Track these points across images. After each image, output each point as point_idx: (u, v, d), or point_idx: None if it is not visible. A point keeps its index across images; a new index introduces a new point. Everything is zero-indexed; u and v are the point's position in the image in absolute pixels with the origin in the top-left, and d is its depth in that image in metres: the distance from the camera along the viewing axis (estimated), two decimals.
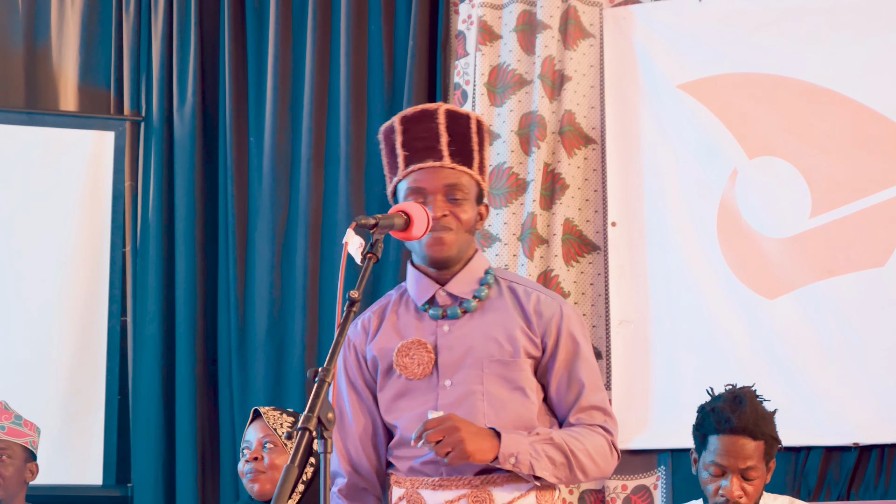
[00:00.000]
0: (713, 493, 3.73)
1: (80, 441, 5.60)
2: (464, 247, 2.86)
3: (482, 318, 2.85)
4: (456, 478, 2.80)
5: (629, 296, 5.10)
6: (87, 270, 5.66)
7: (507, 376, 2.81)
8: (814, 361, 4.79)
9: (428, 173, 2.82)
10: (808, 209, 4.88)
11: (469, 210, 2.84)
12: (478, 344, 2.83)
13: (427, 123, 2.85)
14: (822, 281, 4.83)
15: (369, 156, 5.58)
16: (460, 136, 2.85)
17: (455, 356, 2.83)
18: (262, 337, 5.56)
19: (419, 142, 2.84)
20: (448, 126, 2.85)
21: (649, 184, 5.15)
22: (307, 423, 2.31)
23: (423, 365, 2.83)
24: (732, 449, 3.68)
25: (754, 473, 3.69)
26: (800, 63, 4.95)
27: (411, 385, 2.85)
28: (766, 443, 3.70)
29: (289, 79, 5.66)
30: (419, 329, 2.87)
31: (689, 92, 5.09)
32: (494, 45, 5.31)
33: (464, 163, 2.84)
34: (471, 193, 2.84)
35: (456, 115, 2.87)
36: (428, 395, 2.83)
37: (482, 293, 2.86)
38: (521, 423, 2.80)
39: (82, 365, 5.62)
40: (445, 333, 2.85)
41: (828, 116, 4.88)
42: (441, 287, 2.86)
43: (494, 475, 2.78)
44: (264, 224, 5.61)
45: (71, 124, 5.71)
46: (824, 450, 4.75)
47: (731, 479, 3.68)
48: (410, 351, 2.85)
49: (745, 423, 3.67)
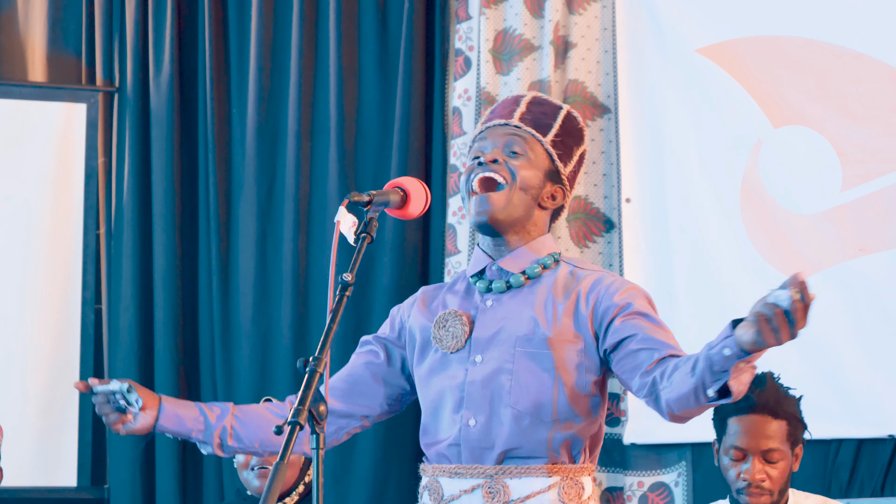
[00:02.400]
0: (735, 478, 3.72)
1: (52, 440, 5.61)
2: (520, 213, 2.84)
3: (528, 296, 2.85)
4: (472, 466, 2.81)
5: (645, 277, 5.10)
6: (58, 255, 5.67)
7: (539, 356, 2.80)
8: (845, 347, 4.77)
9: (493, 131, 2.88)
10: (838, 182, 4.86)
11: (527, 168, 2.84)
12: (514, 321, 2.83)
13: (513, 101, 2.93)
14: (853, 260, 4.81)
15: (360, 127, 5.59)
16: (540, 114, 2.89)
17: (490, 332, 2.84)
18: (248, 325, 5.58)
19: (500, 108, 2.92)
20: (531, 104, 2.91)
21: (666, 157, 5.16)
22: (298, 416, 2.33)
23: (457, 338, 2.84)
24: (753, 429, 3.69)
25: (777, 456, 3.69)
26: (829, 25, 4.93)
27: (445, 359, 2.86)
28: (790, 423, 3.71)
29: (272, 44, 5.67)
30: (463, 303, 2.90)
31: (709, 56, 5.09)
32: (499, 8, 5.32)
33: (534, 127, 2.87)
34: (536, 157, 2.86)
35: (543, 101, 2.94)
36: (458, 370, 2.84)
37: (534, 271, 2.86)
38: (550, 407, 2.78)
39: (53, 357, 5.63)
40: (486, 308, 2.86)
41: (860, 82, 4.86)
42: (494, 261, 2.88)
43: (511, 466, 2.78)
44: (248, 202, 5.63)
45: (38, 96, 5.73)
46: (858, 442, 4.75)
47: (753, 461, 3.69)
48: (447, 322, 2.86)
49: (765, 400, 3.69)
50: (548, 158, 2.87)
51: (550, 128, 2.88)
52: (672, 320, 5.00)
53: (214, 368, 5.59)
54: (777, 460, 3.70)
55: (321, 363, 2.38)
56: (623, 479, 5.11)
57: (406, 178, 2.76)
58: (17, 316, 5.63)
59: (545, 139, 2.86)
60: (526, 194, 2.83)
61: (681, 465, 5.02)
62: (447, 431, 2.83)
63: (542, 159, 2.86)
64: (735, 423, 3.72)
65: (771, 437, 3.68)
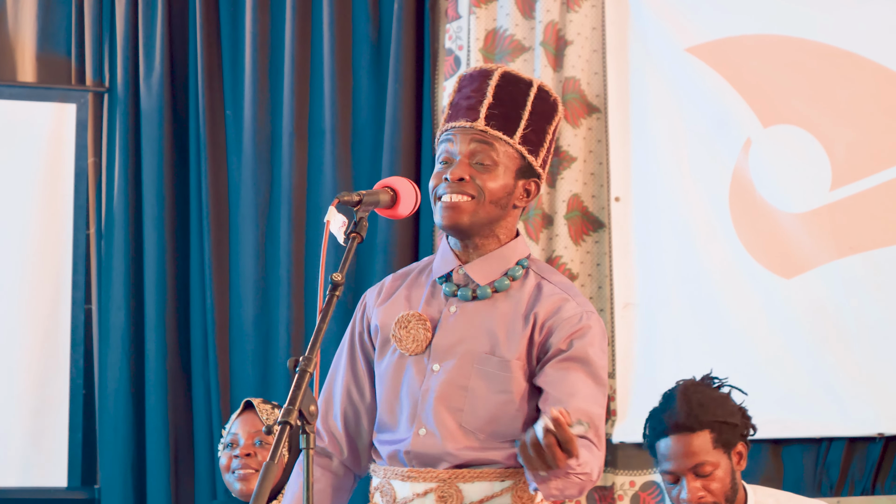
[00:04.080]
0: (675, 501, 3.65)
1: (42, 440, 5.60)
2: (487, 221, 2.80)
3: (492, 310, 2.82)
4: (425, 470, 2.80)
5: (634, 277, 5.12)
6: (48, 255, 5.65)
7: (496, 376, 2.78)
8: (835, 345, 4.78)
9: (458, 134, 2.80)
10: (827, 181, 4.86)
11: (499, 179, 2.78)
12: (476, 335, 2.81)
13: (479, 83, 2.82)
14: (843, 258, 4.82)
15: (355, 127, 5.58)
16: (508, 101, 2.80)
17: (450, 341, 2.82)
18: (249, 327, 5.57)
19: (464, 100, 2.82)
20: (499, 88, 2.81)
21: (656, 156, 5.16)
22: (288, 416, 2.33)
23: (418, 342, 2.82)
24: (675, 449, 3.62)
25: (709, 468, 3.61)
26: (819, 24, 4.93)
27: (403, 361, 2.84)
28: (713, 430, 3.61)
29: (267, 45, 5.65)
30: (428, 303, 2.86)
31: (698, 56, 5.09)
32: (490, 8, 5.32)
33: (501, 128, 2.79)
34: (506, 163, 2.78)
35: (514, 79, 2.83)
36: (414, 376, 2.82)
37: (503, 284, 2.83)
38: (503, 430, 2.78)
39: (43, 357, 5.62)
40: (449, 315, 2.83)
41: (849, 81, 4.87)
42: (462, 265, 2.84)
43: (465, 470, 2.79)
44: (247, 204, 5.62)
45: (28, 96, 5.70)
46: (847, 441, 4.76)
47: (685, 480, 3.61)
48: (409, 324, 2.83)
49: (676, 419, 3.62)
50: (518, 157, 2.81)
51: (518, 120, 2.80)
52: (661, 320, 5.04)
53: (208, 370, 5.58)
54: (710, 472, 3.60)
55: (311, 363, 2.38)
56: (613, 479, 5.12)
57: (396, 178, 2.76)
58: (7, 316, 5.60)
59: (514, 139, 2.79)
60: (494, 206, 2.79)
61: None
62: (401, 434, 2.82)
63: (512, 160, 2.80)
64: (660, 447, 3.66)
65: (696, 453, 3.59)
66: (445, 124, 2.84)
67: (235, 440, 4.06)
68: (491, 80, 2.82)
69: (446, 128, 2.83)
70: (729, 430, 3.64)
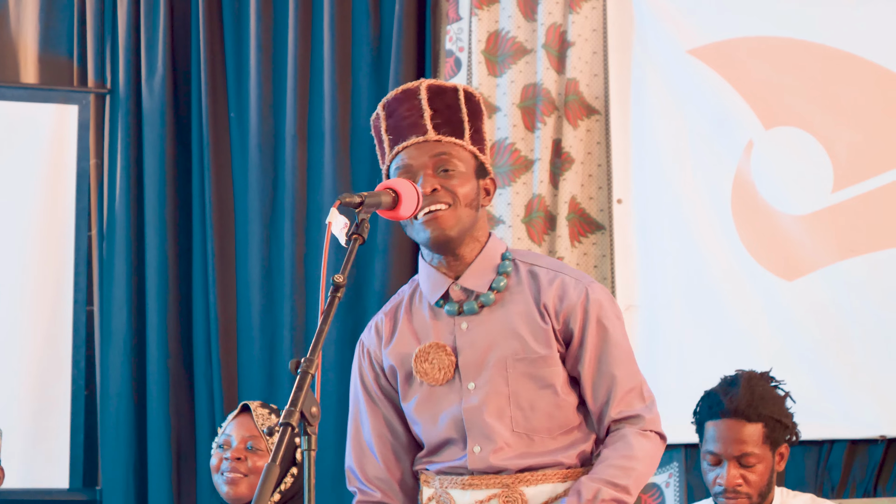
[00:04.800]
0: (712, 483, 3.72)
1: (44, 441, 5.61)
2: (468, 225, 2.82)
3: (503, 312, 2.83)
4: (487, 476, 2.81)
5: (636, 279, 5.12)
6: (50, 256, 5.67)
7: (535, 374, 2.81)
8: (836, 348, 4.79)
9: (412, 150, 2.80)
10: (829, 183, 4.87)
11: (466, 183, 2.80)
12: (500, 341, 2.81)
13: (409, 102, 2.83)
14: (845, 261, 4.83)
15: (355, 130, 5.58)
16: (446, 109, 2.82)
17: (477, 356, 2.82)
18: (256, 329, 5.57)
19: (402, 121, 2.82)
20: (431, 101, 2.82)
21: (657, 158, 5.16)
22: (289, 418, 2.32)
23: (444, 369, 2.83)
24: (726, 433, 3.69)
25: (753, 459, 3.68)
26: (821, 26, 4.94)
27: (434, 391, 2.84)
28: (767, 425, 3.69)
29: (270, 46, 5.66)
30: (437, 329, 2.85)
31: (700, 57, 5.10)
32: (492, 9, 5.33)
33: (452, 134, 2.81)
34: (466, 166, 2.81)
35: (440, 90, 2.84)
36: (451, 399, 2.83)
37: (500, 284, 2.84)
38: (555, 424, 2.82)
39: (45, 358, 5.63)
40: (464, 332, 2.84)
41: (851, 83, 4.87)
42: (454, 281, 2.84)
43: (527, 473, 2.80)
44: (252, 207, 5.61)
45: (30, 97, 5.72)
46: (848, 443, 4.77)
47: (728, 466, 3.68)
48: (429, 356, 2.84)
49: (737, 405, 3.68)
50: (472, 158, 2.83)
51: (462, 123, 2.82)
52: (664, 322, 5.03)
53: (211, 372, 5.58)
54: (753, 464, 3.68)
55: (313, 365, 2.37)
56: None
57: (397, 179, 2.74)
58: (9, 318, 5.61)
59: (464, 141, 2.81)
60: (469, 208, 2.80)
61: (672, 466, 5.03)
62: (454, 458, 2.83)
63: (469, 163, 2.82)
64: (710, 428, 3.73)
65: (745, 442, 3.67)
66: (393, 149, 2.82)
67: (228, 442, 4.00)
68: (420, 95, 2.83)
69: (396, 152, 2.82)
70: (780, 429, 3.71)
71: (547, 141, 5.19)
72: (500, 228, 5.19)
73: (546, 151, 5.18)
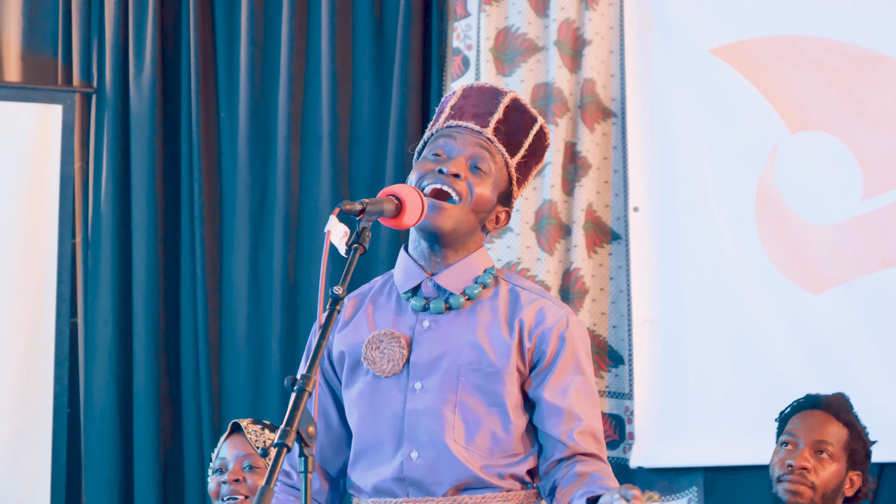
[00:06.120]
0: (777, 466, 3.78)
1: (25, 461, 5.60)
2: (465, 230, 2.83)
3: (469, 320, 2.83)
4: (423, 499, 2.79)
5: (654, 291, 5.12)
6: (32, 266, 5.66)
7: (487, 389, 2.79)
8: (866, 365, 4.79)
9: (465, 134, 2.83)
10: (859, 191, 4.87)
11: (487, 189, 2.82)
12: (458, 347, 2.81)
13: (489, 97, 2.88)
14: (875, 273, 4.82)
15: (355, 133, 5.58)
16: (515, 127, 2.87)
17: (431, 356, 2.81)
18: (242, 342, 5.58)
19: (472, 107, 2.87)
20: (508, 110, 2.87)
21: (676, 163, 5.16)
22: (285, 438, 2.31)
23: (394, 361, 2.81)
24: (810, 422, 3.81)
25: (830, 450, 3.76)
26: (849, 25, 4.94)
27: (378, 384, 2.82)
28: (851, 434, 3.80)
29: (263, 43, 5.67)
30: (397, 322, 2.86)
31: (723, 57, 5.09)
32: (501, 5, 5.33)
33: (505, 145, 2.85)
34: (497, 179, 2.84)
35: (522, 109, 2.90)
36: (395, 397, 2.81)
37: (474, 291, 2.84)
38: (497, 444, 2.80)
39: (26, 373, 5.63)
40: (424, 329, 2.84)
41: (882, 85, 4.87)
42: (430, 277, 2.85)
43: (465, 496, 2.78)
44: (241, 212, 5.63)
45: (12, 97, 5.73)
46: (881, 467, 4.72)
47: (803, 448, 3.77)
48: (381, 343, 2.83)
49: (830, 402, 3.82)
50: (507, 181, 2.86)
51: (520, 147, 2.87)
52: (682, 337, 5.11)
53: (199, 386, 5.58)
54: (826, 457, 3.76)
55: (310, 382, 2.36)
56: None
57: (401, 185, 2.74)
58: None
59: (511, 161, 2.86)
60: (475, 215, 2.83)
61: (692, 490, 5.01)
62: (386, 464, 2.81)
63: (502, 181, 2.85)
64: (796, 419, 3.83)
65: (827, 433, 3.78)
66: (448, 121, 2.87)
67: (224, 465, 4.07)
68: (502, 99, 2.89)
69: (449, 124, 2.86)
70: (859, 447, 3.83)
71: (559, 143, 5.19)
72: (508, 236, 5.18)
73: (558, 155, 5.18)
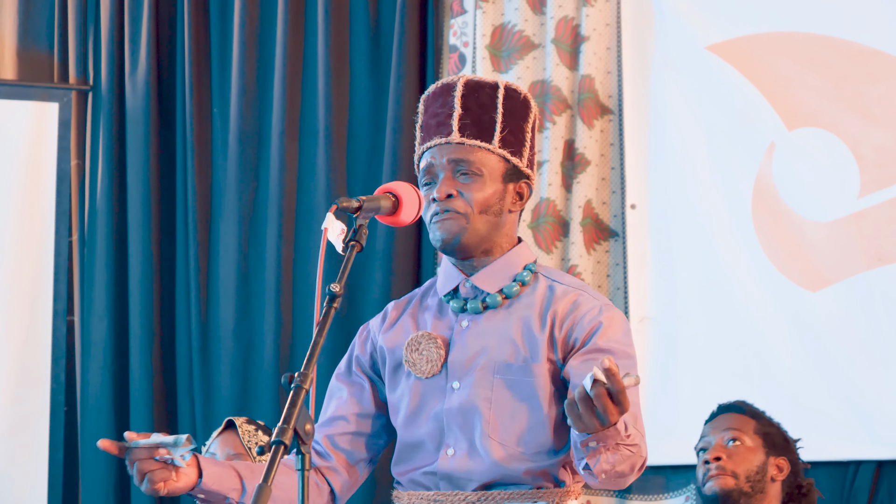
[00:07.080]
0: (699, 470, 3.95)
1: (21, 460, 5.62)
2: (485, 232, 2.83)
3: (506, 317, 2.85)
4: (452, 493, 2.82)
5: (651, 289, 5.12)
6: (28, 263, 5.68)
7: (520, 383, 2.81)
8: (864, 362, 4.77)
9: (435, 151, 2.83)
10: (856, 188, 4.87)
11: (486, 188, 2.81)
12: (493, 345, 2.83)
13: (444, 98, 2.87)
14: (872, 270, 4.81)
15: (352, 129, 5.58)
16: (478, 108, 2.85)
17: (467, 356, 2.84)
18: (228, 338, 5.57)
19: (433, 119, 2.86)
20: (465, 98, 2.85)
21: (673, 160, 5.16)
22: (282, 436, 2.32)
23: (432, 362, 2.85)
24: (716, 422, 3.99)
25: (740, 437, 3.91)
26: (846, 21, 4.94)
27: (420, 386, 2.86)
28: (759, 421, 3.95)
29: (257, 38, 5.67)
30: (437, 323, 2.89)
31: (719, 54, 5.09)
32: (497, 2, 5.35)
33: (478, 136, 2.82)
34: (489, 170, 2.82)
35: (477, 86, 2.87)
36: (435, 397, 2.85)
37: (511, 290, 2.86)
38: (532, 438, 2.81)
39: (22, 371, 5.65)
40: (462, 330, 2.86)
41: (879, 81, 4.87)
42: (467, 278, 2.87)
43: (494, 492, 2.80)
44: (230, 208, 5.63)
45: (8, 94, 5.75)
46: (876, 464, 4.75)
47: (714, 444, 3.95)
48: (420, 345, 2.86)
49: (730, 404, 4.00)
50: (501, 161, 2.85)
51: (493, 125, 2.84)
52: (679, 335, 5.07)
53: (192, 383, 5.59)
54: (739, 442, 3.90)
55: (307, 379, 2.37)
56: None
57: (398, 182, 2.76)
58: None
59: (492, 145, 2.83)
60: (487, 216, 2.83)
61: (689, 488, 5.01)
62: (426, 459, 2.85)
63: (495, 167, 2.84)
64: (705, 428, 4.04)
65: (735, 427, 3.94)
66: (420, 147, 2.88)
67: None
68: (455, 91, 2.86)
69: (422, 150, 2.87)
70: (773, 430, 3.97)
71: (557, 141, 5.19)
72: None
73: (556, 153, 5.19)
